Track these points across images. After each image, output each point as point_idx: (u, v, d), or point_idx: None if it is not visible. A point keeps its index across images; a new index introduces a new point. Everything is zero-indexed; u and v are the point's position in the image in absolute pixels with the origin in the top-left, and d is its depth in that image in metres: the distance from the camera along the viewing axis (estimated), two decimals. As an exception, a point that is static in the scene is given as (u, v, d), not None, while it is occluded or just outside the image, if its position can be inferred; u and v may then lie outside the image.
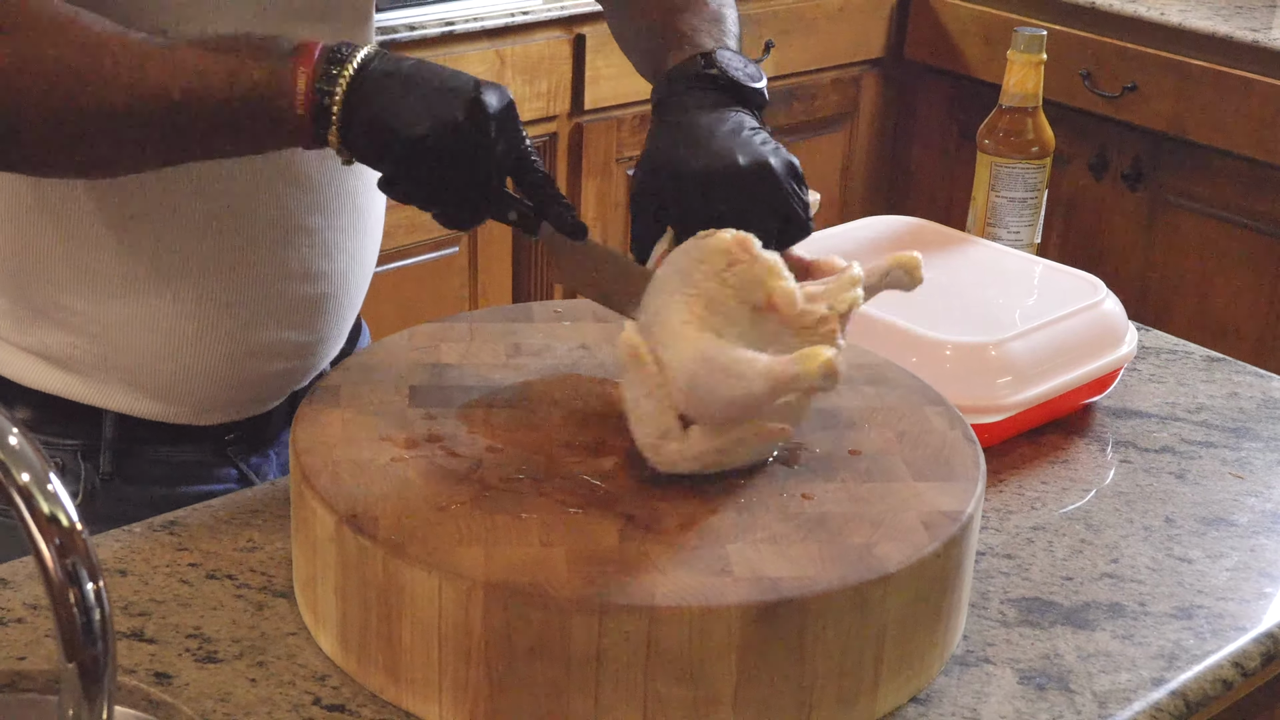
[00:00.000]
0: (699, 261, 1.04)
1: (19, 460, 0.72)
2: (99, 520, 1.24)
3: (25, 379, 1.28)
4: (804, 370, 0.98)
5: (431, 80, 1.06)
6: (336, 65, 1.05)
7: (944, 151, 3.32)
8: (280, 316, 1.29)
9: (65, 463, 1.28)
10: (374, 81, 1.06)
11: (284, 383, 1.33)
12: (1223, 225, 2.90)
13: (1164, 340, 1.59)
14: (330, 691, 1.01)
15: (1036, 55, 1.66)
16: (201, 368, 1.28)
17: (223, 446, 1.33)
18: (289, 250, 1.28)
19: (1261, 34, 2.81)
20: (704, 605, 0.93)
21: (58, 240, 1.23)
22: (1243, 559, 1.22)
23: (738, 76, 1.16)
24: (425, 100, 1.05)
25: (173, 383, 1.28)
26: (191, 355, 1.27)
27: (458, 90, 1.05)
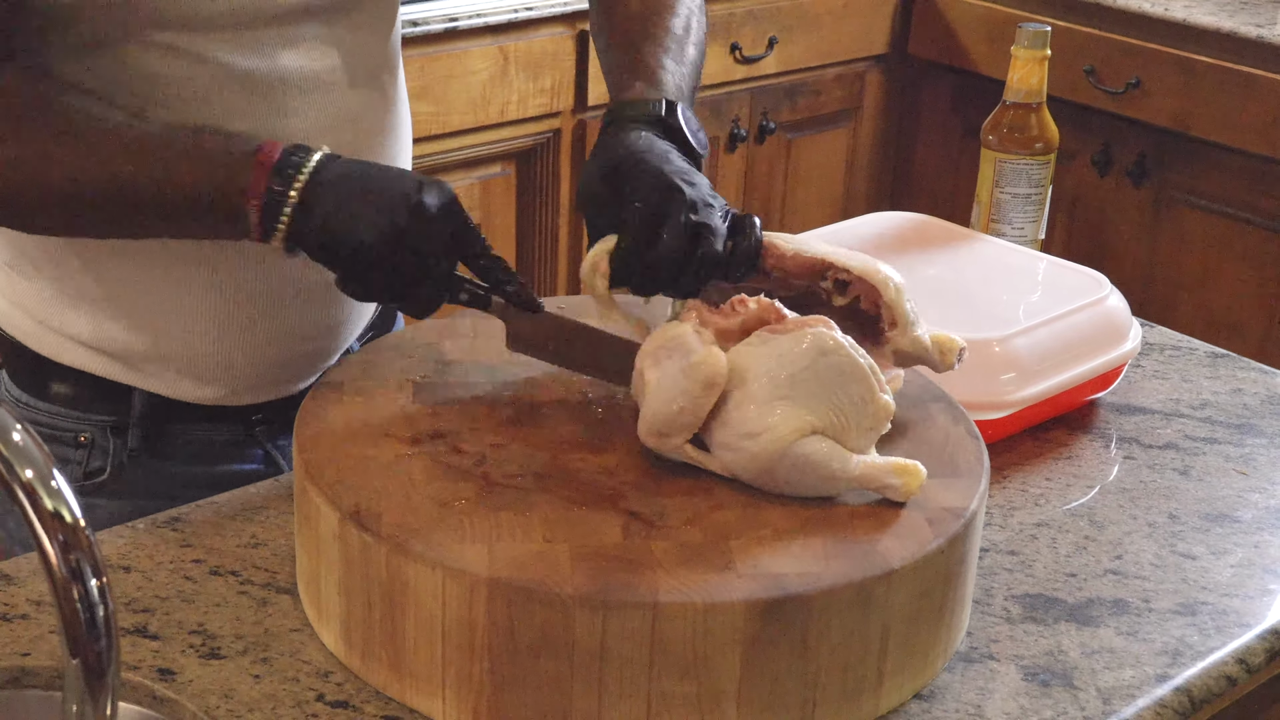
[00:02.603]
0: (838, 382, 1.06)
1: (22, 456, 0.72)
2: (126, 495, 1.28)
3: (60, 357, 1.30)
4: (902, 485, 1.04)
5: (374, 187, 1.11)
6: (291, 170, 1.11)
7: (948, 147, 3.32)
8: (307, 298, 1.29)
9: (95, 437, 1.30)
10: (322, 190, 1.11)
11: (314, 361, 1.34)
12: (1227, 221, 2.90)
13: (1168, 336, 1.59)
14: (334, 688, 1.01)
15: (1041, 51, 1.66)
16: (234, 349, 1.29)
17: (250, 427, 1.34)
18: None
19: (1266, 29, 2.80)
20: (708, 601, 0.93)
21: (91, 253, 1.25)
22: (1247, 555, 1.22)
23: (689, 136, 1.21)
24: (369, 208, 1.10)
25: (206, 365, 1.29)
26: (217, 337, 1.28)
27: (399, 195, 1.10)
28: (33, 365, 1.31)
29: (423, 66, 2.53)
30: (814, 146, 3.24)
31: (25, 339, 1.31)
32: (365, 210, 1.10)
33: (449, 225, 1.12)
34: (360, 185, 1.11)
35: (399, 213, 1.10)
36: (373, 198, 1.10)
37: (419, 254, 1.11)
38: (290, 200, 1.10)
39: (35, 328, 1.30)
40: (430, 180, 1.13)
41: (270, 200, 1.10)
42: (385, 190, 1.11)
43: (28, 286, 1.29)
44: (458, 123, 2.60)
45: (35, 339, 1.30)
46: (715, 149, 3.05)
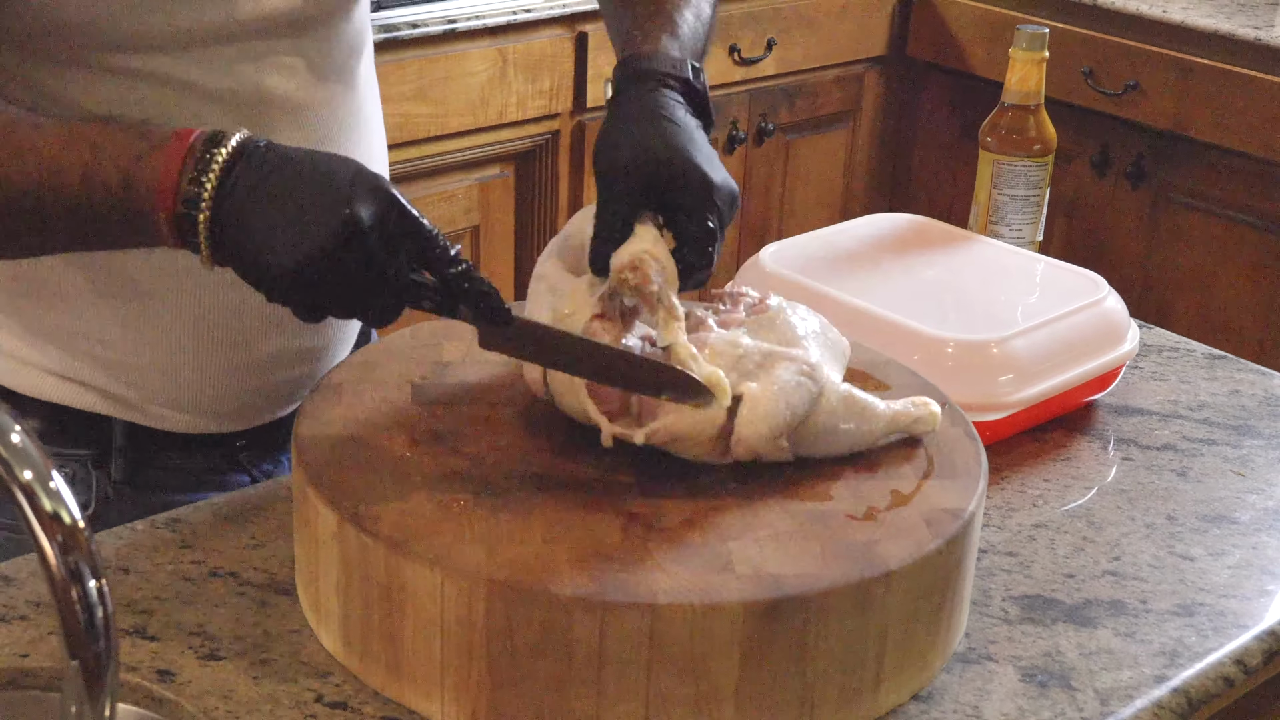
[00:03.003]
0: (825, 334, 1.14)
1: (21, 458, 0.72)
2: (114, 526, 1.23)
3: (35, 391, 1.27)
4: (927, 417, 1.12)
5: (298, 197, 0.97)
6: (201, 173, 0.98)
7: (946, 149, 3.32)
8: (285, 326, 1.27)
9: (76, 472, 1.27)
10: (238, 201, 0.98)
11: (295, 388, 1.33)
12: (1225, 223, 2.90)
13: (1166, 338, 1.59)
14: (333, 689, 1.01)
15: (1039, 53, 1.66)
16: (213, 380, 1.27)
17: (235, 453, 1.32)
18: None
19: (1264, 32, 2.81)
20: (706, 602, 0.93)
21: (61, 261, 1.22)
22: (1244, 556, 1.22)
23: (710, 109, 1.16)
24: (291, 226, 0.97)
25: (182, 394, 1.27)
26: (194, 369, 1.26)
27: (326, 209, 0.96)
28: (8, 402, 1.26)
29: (421, 68, 2.53)
30: (812, 148, 3.24)
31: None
32: (287, 230, 0.97)
33: (396, 229, 0.98)
34: (278, 201, 0.98)
35: (326, 232, 0.96)
36: (294, 214, 0.97)
37: (357, 271, 0.97)
38: (201, 224, 0.98)
39: (7, 363, 1.27)
40: (366, 184, 0.98)
41: (179, 219, 0.99)
42: (310, 204, 0.97)
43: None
44: (456, 124, 2.60)
45: (9, 375, 1.27)
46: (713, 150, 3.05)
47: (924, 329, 1.34)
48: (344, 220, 0.96)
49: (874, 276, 1.46)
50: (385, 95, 2.57)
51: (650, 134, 1.10)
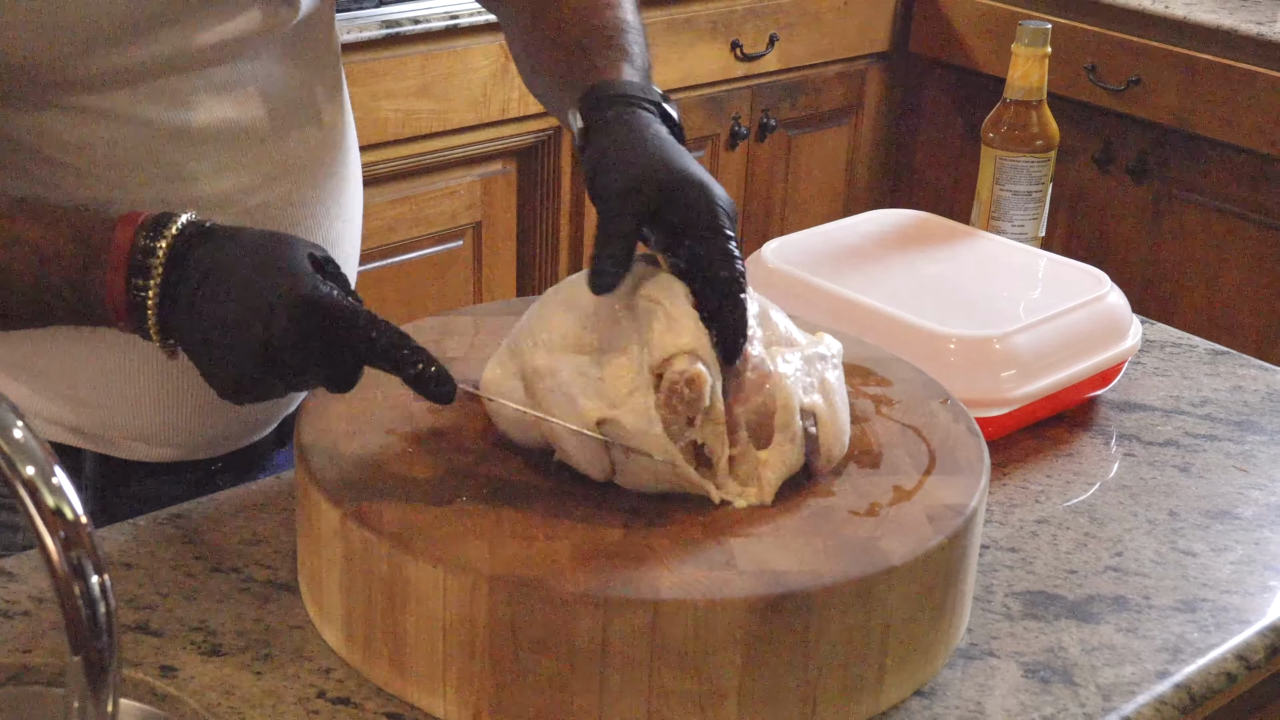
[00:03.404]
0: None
1: (24, 454, 0.72)
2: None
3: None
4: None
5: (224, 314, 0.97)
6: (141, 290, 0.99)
7: (948, 145, 3.32)
8: None
9: None
10: (178, 316, 0.99)
11: (268, 417, 1.31)
12: (1227, 219, 2.90)
13: (1168, 334, 1.59)
14: (335, 684, 1.01)
15: (1041, 49, 1.66)
16: (180, 417, 1.25)
17: (211, 477, 1.30)
18: None
19: (1266, 27, 2.80)
20: (708, 599, 0.93)
21: None
22: (1247, 552, 1.22)
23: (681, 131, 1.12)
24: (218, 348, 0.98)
25: (155, 430, 1.25)
26: (167, 407, 1.24)
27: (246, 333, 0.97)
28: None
29: (423, 64, 2.53)
30: (815, 144, 3.24)
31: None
32: (216, 352, 0.98)
33: (316, 347, 0.97)
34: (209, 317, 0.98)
35: (247, 356, 0.97)
36: (220, 334, 0.97)
37: (289, 378, 0.99)
38: (151, 332, 1.00)
39: None
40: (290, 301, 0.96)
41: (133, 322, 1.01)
42: (233, 325, 0.97)
43: None
44: (458, 120, 2.60)
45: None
46: (716, 146, 3.05)
47: (926, 325, 1.34)
48: (263, 346, 0.96)
49: (876, 272, 1.46)
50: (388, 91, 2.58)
51: (644, 152, 1.06)
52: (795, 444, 1.05)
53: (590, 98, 1.12)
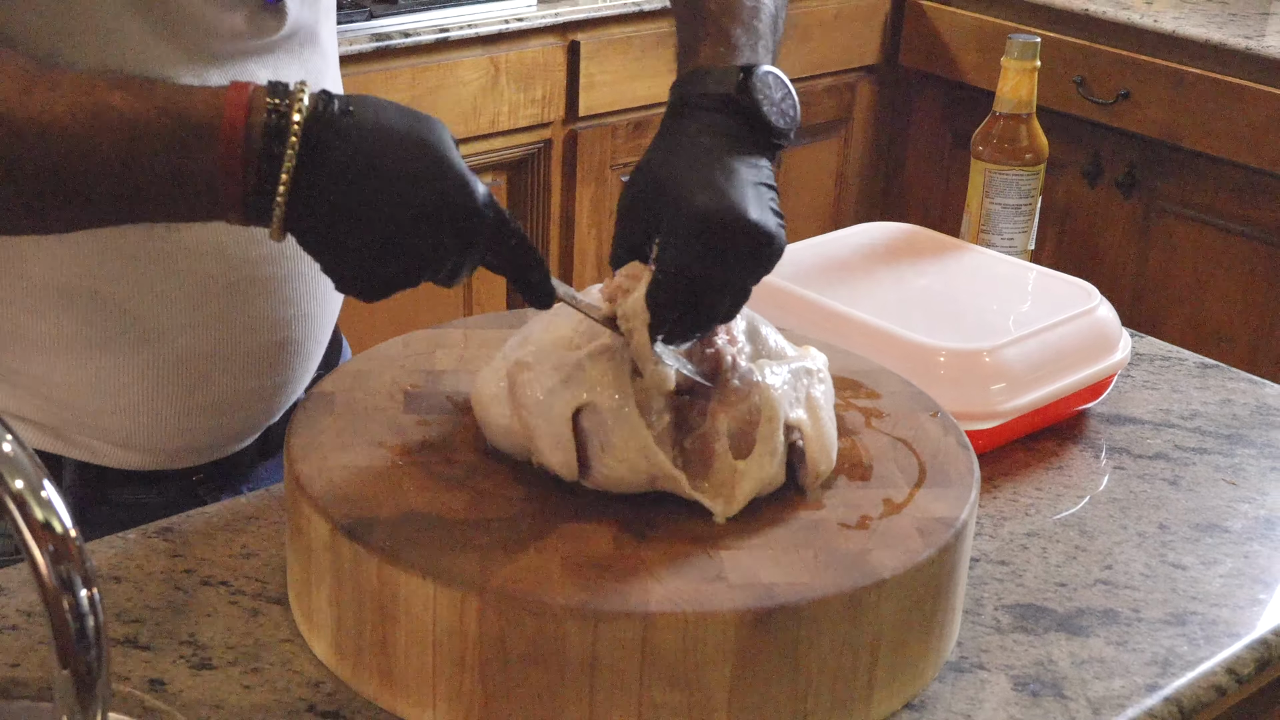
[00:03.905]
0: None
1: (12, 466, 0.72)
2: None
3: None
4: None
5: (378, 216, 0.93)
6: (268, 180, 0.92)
7: (938, 158, 3.33)
8: (239, 368, 1.24)
9: None
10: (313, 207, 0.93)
11: (249, 426, 1.30)
12: (1216, 232, 2.90)
13: (1157, 347, 1.60)
14: (325, 698, 1.01)
15: (1030, 62, 1.66)
16: (159, 423, 1.24)
17: (192, 486, 1.29)
18: (243, 304, 1.22)
19: (1255, 41, 2.81)
20: (698, 611, 0.93)
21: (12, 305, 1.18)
22: (1236, 565, 1.22)
23: (769, 115, 1.04)
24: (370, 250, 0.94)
25: (135, 435, 1.24)
26: (146, 413, 1.23)
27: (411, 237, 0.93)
28: None
29: (413, 77, 2.53)
30: (805, 157, 3.25)
31: None
32: (364, 254, 0.94)
33: (475, 242, 0.96)
34: (357, 218, 0.93)
35: (408, 262, 0.94)
36: (376, 237, 0.93)
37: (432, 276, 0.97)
38: (275, 223, 0.94)
39: None
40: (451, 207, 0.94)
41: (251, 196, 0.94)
42: (393, 229, 0.93)
43: None
44: (449, 133, 2.60)
45: None
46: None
47: (916, 338, 1.34)
48: (432, 256, 0.95)
49: (866, 285, 1.46)
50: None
51: (658, 164, 1.03)
52: (774, 458, 1.05)
53: (672, 93, 1.07)
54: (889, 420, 1.17)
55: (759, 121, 1.04)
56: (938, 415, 1.18)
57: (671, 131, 1.05)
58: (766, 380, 1.06)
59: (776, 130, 1.05)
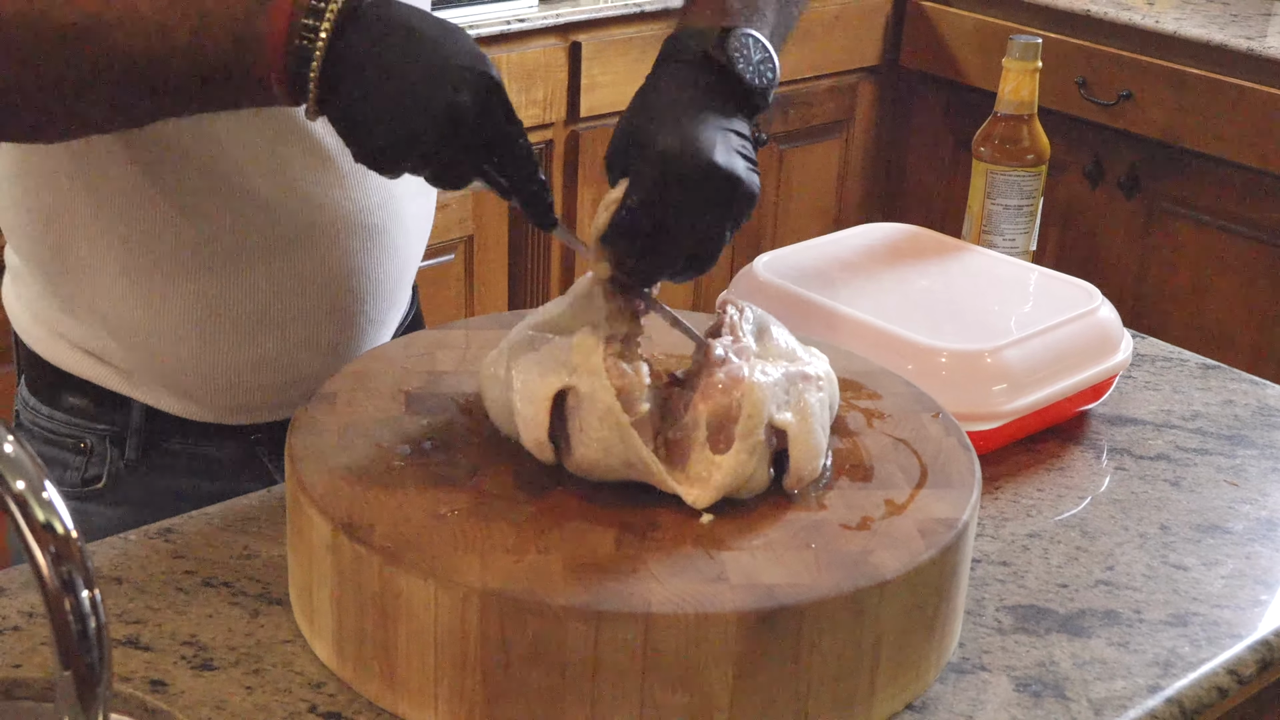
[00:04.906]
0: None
1: (14, 467, 0.72)
2: (121, 504, 1.29)
3: (69, 366, 1.30)
4: None
5: (407, 75, 0.99)
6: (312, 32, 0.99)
7: (940, 159, 3.33)
8: (291, 324, 1.28)
9: (94, 445, 1.31)
10: (348, 65, 1.00)
11: (304, 388, 1.30)
12: (1218, 233, 2.90)
13: (1159, 348, 1.60)
14: (326, 699, 1.01)
15: (1032, 63, 1.66)
16: (213, 374, 1.28)
17: (250, 446, 1.33)
18: (299, 259, 1.26)
19: (1256, 42, 2.81)
20: (700, 612, 0.93)
21: (93, 234, 1.24)
22: (1238, 566, 1.22)
23: (744, 72, 1.07)
24: (395, 107, 0.99)
25: (186, 386, 1.28)
26: (208, 359, 1.27)
27: (432, 97, 0.99)
28: (46, 374, 1.32)
29: (415, 78, 2.53)
30: (806, 158, 3.25)
31: (36, 346, 1.32)
32: (389, 111, 0.99)
33: (484, 135, 1.01)
34: (386, 75, 0.99)
35: (427, 121, 0.99)
36: (400, 94, 0.99)
37: (445, 154, 1.01)
38: (311, 82, 1.00)
39: (45, 335, 1.31)
40: (476, 77, 1.00)
41: (291, 76, 1.00)
42: (417, 87, 0.99)
43: (31, 291, 1.31)
44: (450, 134, 2.60)
45: (45, 346, 1.31)
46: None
47: (917, 339, 1.34)
48: (447, 115, 0.99)
49: (868, 286, 1.46)
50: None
51: (633, 114, 1.06)
52: (754, 456, 1.04)
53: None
54: (890, 421, 1.17)
55: (734, 79, 1.06)
56: (939, 416, 1.18)
57: (650, 86, 1.08)
58: (754, 378, 1.06)
59: (751, 87, 1.07)
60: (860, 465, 1.11)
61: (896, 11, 3.29)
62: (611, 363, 1.04)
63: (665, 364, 1.14)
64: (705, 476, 1.04)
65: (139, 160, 1.20)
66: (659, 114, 1.04)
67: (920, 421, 1.17)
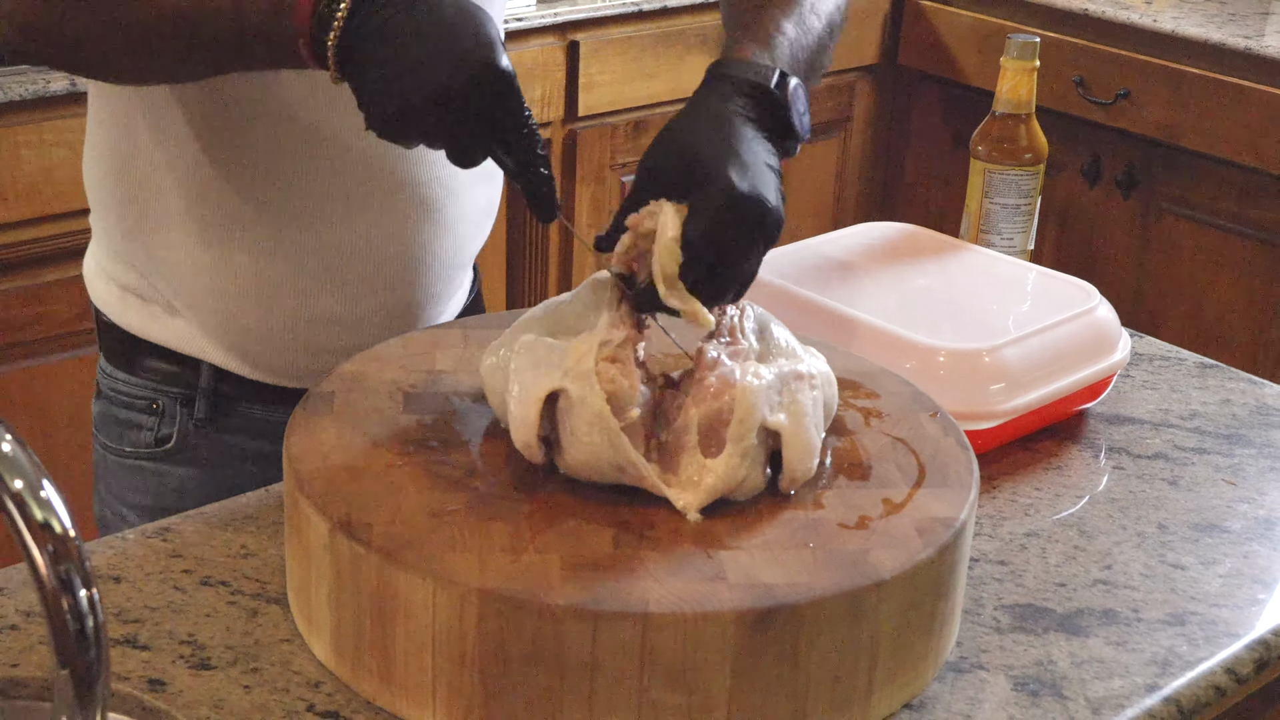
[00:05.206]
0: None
1: (12, 466, 0.72)
2: (192, 464, 1.35)
3: (143, 330, 1.37)
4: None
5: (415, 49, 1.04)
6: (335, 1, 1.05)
7: (938, 158, 3.33)
8: (343, 289, 1.33)
9: (166, 406, 1.37)
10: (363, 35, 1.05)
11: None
12: (1215, 232, 2.90)
13: (1157, 347, 1.60)
14: (324, 698, 1.01)
15: (1030, 62, 1.66)
16: (269, 334, 1.34)
17: None
18: (374, 217, 1.31)
19: (1254, 41, 2.81)
20: (698, 612, 0.93)
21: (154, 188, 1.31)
22: (1236, 565, 1.22)
23: (794, 119, 1.14)
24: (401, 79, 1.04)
25: (254, 344, 1.34)
26: (270, 318, 1.33)
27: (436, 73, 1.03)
28: (121, 341, 1.39)
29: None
30: (804, 157, 3.25)
31: (111, 312, 1.38)
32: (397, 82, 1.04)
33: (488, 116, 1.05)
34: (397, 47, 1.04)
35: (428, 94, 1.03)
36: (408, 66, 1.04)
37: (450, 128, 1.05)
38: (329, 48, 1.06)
39: (119, 298, 1.38)
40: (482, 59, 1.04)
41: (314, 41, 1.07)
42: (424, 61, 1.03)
43: (107, 252, 1.37)
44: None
45: (119, 311, 1.38)
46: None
47: (915, 338, 1.34)
48: (440, 96, 1.03)
49: (865, 285, 1.46)
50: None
51: (688, 131, 1.10)
52: (746, 459, 1.04)
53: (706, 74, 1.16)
54: (888, 420, 1.17)
55: (783, 120, 1.13)
56: (937, 415, 1.18)
57: (705, 104, 1.12)
58: (746, 380, 1.05)
59: (795, 133, 1.14)
60: (858, 464, 1.11)
61: (894, 10, 3.29)
62: (603, 367, 1.04)
63: (665, 364, 1.14)
64: (696, 480, 1.04)
65: (207, 113, 1.27)
66: (720, 145, 1.07)
67: (918, 421, 1.17)
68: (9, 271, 2.25)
